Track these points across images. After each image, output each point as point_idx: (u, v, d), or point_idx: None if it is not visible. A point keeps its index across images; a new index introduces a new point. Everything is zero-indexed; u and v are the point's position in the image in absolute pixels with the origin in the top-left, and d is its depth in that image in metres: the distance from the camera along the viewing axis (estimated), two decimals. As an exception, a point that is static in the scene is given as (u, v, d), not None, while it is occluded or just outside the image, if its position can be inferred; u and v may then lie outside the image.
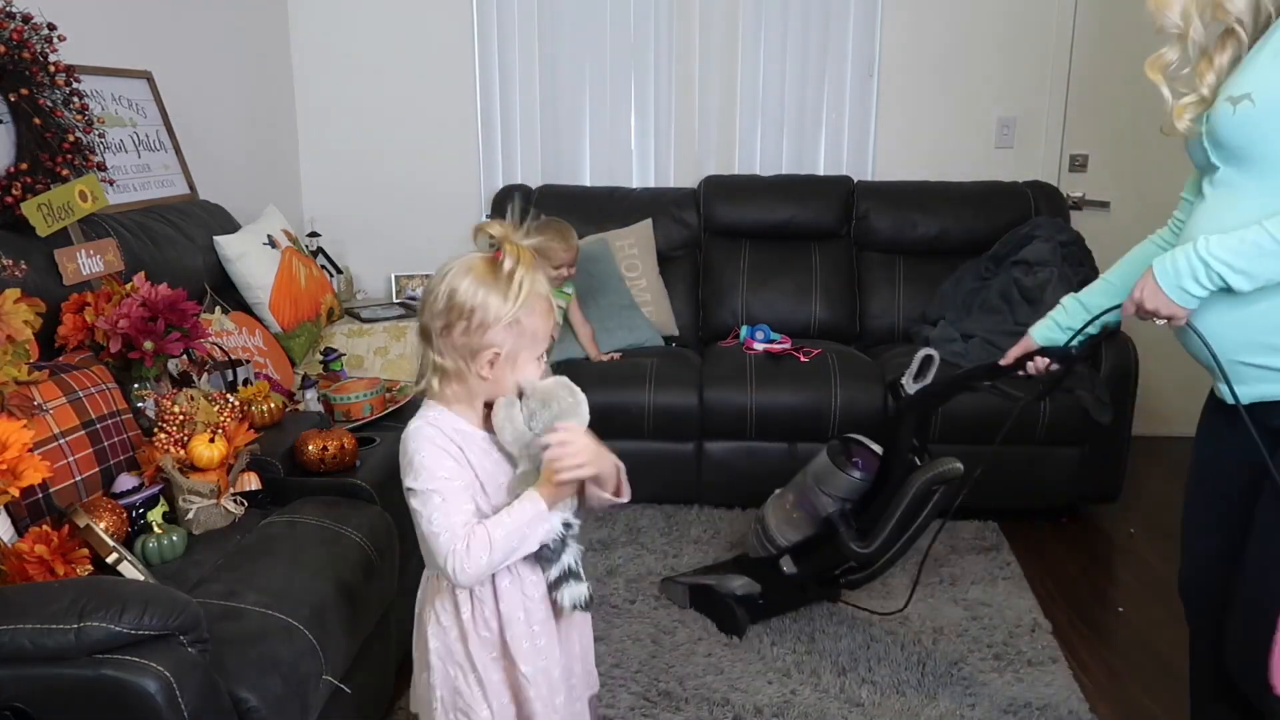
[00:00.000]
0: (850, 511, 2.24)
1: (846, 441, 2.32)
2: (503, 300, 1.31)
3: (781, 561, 2.38)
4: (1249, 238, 1.34)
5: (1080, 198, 3.85)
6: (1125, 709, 2.21)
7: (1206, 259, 1.37)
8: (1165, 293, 1.42)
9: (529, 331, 1.34)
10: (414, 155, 3.97)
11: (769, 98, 3.89)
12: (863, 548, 2.18)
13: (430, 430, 1.34)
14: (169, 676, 1.35)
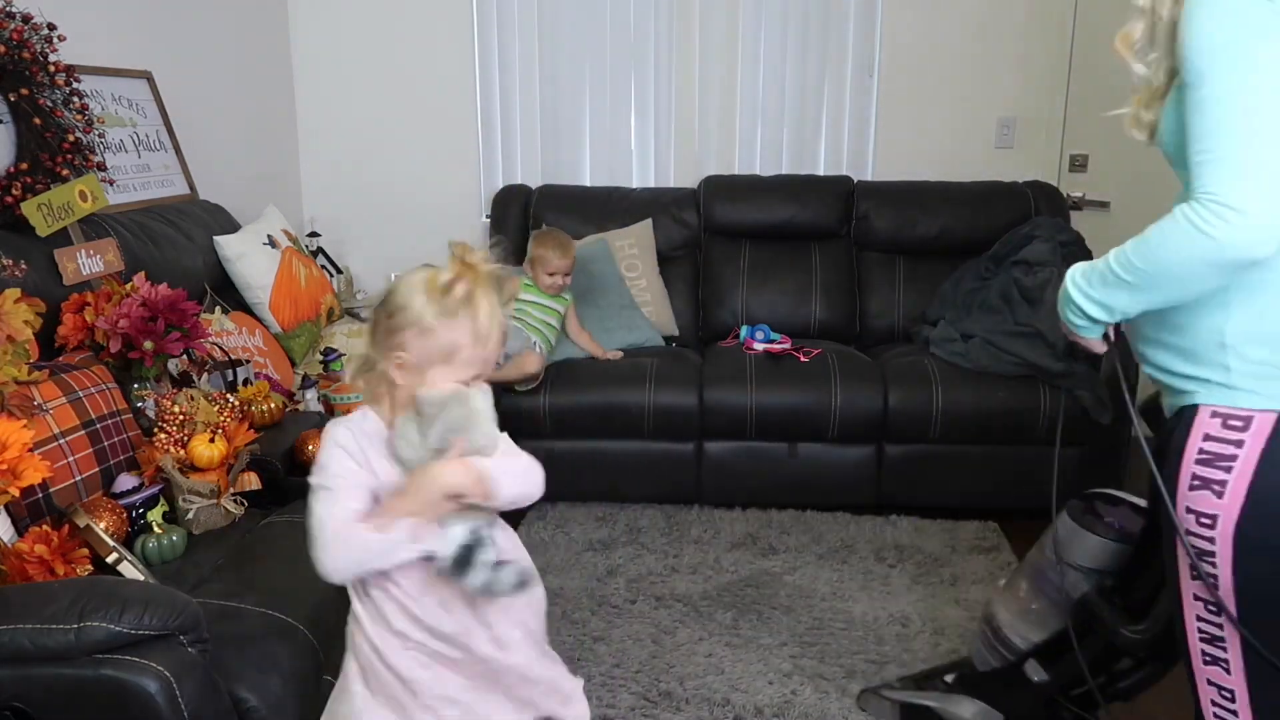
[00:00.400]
0: (1111, 587, 1.69)
1: (1091, 498, 1.80)
2: (425, 304, 1.29)
3: (1027, 668, 1.82)
4: (1099, 266, 1.31)
5: (1080, 198, 3.85)
6: (1125, 709, 2.20)
7: (1069, 289, 1.36)
8: (1067, 326, 1.40)
9: (444, 346, 1.29)
10: (414, 155, 3.98)
11: (769, 98, 3.89)
12: (1136, 632, 1.62)
13: (340, 431, 1.34)
14: (169, 676, 1.35)
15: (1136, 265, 1.24)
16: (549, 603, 2.64)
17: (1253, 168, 1.12)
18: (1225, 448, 1.21)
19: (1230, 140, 1.13)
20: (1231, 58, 1.14)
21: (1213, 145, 1.15)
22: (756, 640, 2.43)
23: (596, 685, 2.23)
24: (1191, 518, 1.23)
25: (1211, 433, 1.22)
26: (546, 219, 3.70)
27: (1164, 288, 1.23)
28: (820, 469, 3.12)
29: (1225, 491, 1.20)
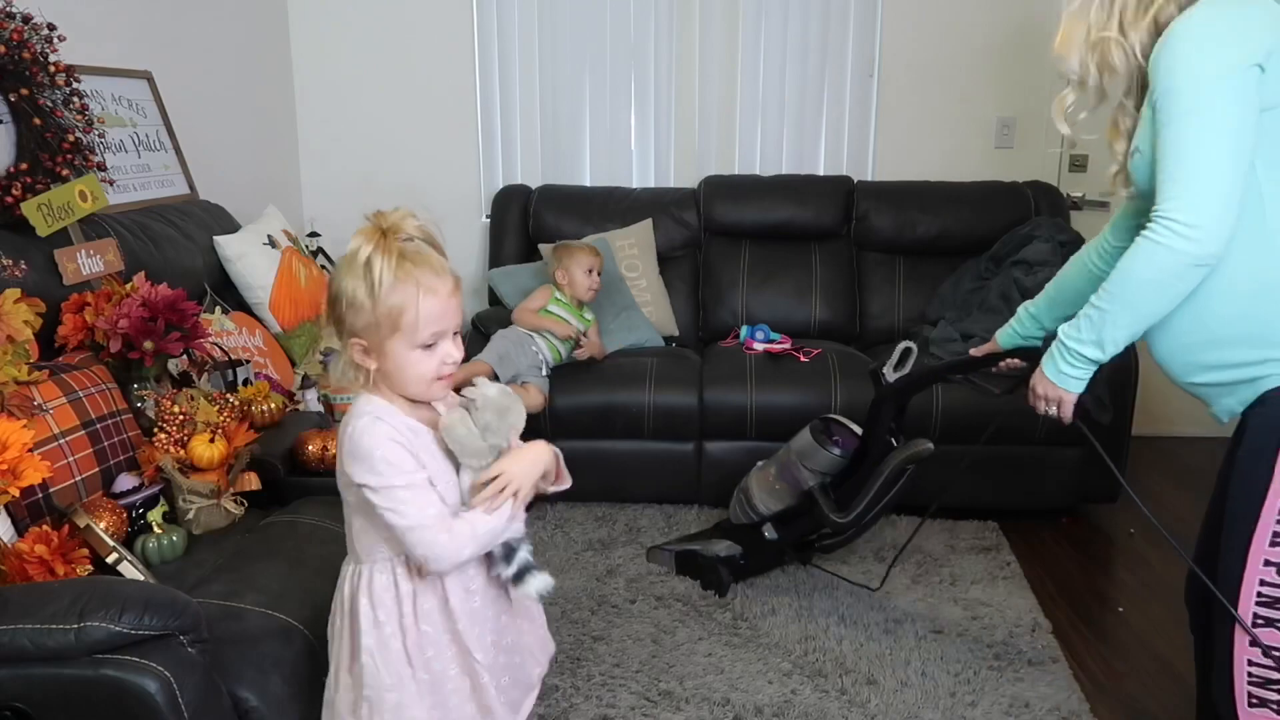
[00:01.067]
0: (829, 485, 2.45)
1: (828, 421, 2.53)
2: (351, 284, 1.29)
3: (764, 528, 2.60)
4: (1080, 316, 1.49)
5: (1080, 198, 3.85)
6: (1125, 709, 2.21)
7: (1064, 342, 1.51)
8: (1052, 380, 1.55)
9: (386, 317, 1.29)
10: (414, 155, 3.97)
11: (769, 98, 3.89)
12: (841, 518, 2.39)
13: (384, 426, 1.32)
14: (169, 676, 1.35)
15: (1115, 293, 1.43)
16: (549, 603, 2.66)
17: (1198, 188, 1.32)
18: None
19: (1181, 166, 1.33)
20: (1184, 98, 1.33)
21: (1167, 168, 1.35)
22: (756, 640, 2.43)
23: (596, 685, 2.23)
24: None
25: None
26: (546, 219, 3.70)
27: (1142, 304, 1.41)
28: (820, 469, 3.12)
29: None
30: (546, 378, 3.11)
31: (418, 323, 1.30)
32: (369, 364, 1.34)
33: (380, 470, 1.29)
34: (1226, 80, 1.32)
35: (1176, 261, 1.35)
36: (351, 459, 1.31)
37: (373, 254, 1.27)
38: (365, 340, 1.32)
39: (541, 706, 2.14)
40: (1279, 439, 1.36)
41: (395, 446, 1.30)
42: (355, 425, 1.32)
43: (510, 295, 3.48)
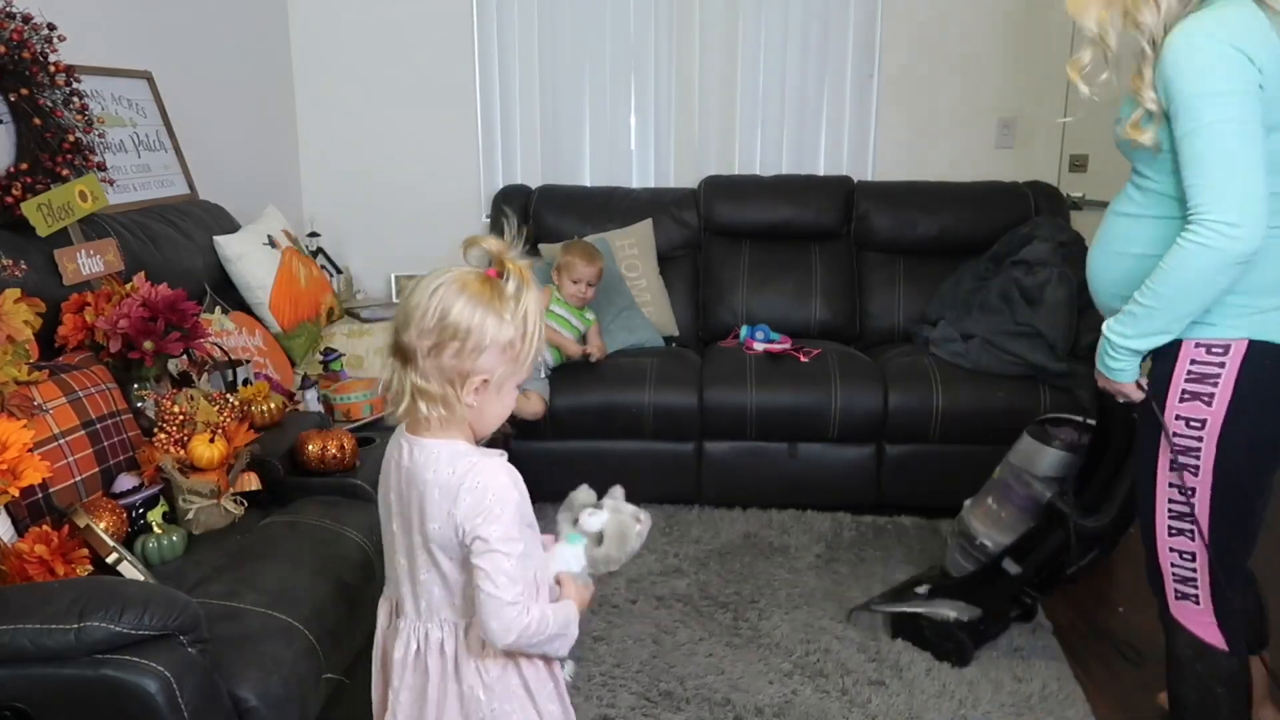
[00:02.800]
0: (1072, 491, 2.18)
1: (1043, 422, 2.32)
2: (500, 322, 1.23)
3: (1003, 563, 2.28)
4: (1128, 309, 1.59)
5: (1080, 198, 3.85)
6: (1125, 709, 2.21)
7: (1109, 338, 1.63)
8: (1111, 378, 1.66)
9: (522, 358, 1.26)
10: (414, 155, 3.97)
11: (769, 98, 3.89)
12: (1096, 522, 2.12)
13: (509, 483, 1.25)
14: (169, 676, 1.35)
15: (1161, 292, 1.52)
16: (549, 603, 2.65)
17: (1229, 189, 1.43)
18: (1210, 369, 1.55)
19: (1216, 171, 1.44)
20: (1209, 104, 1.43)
21: (1203, 174, 1.45)
22: (756, 640, 2.43)
23: (596, 685, 2.23)
24: (1181, 423, 1.59)
25: (1198, 359, 1.56)
26: (546, 219, 3.70)
27: (1186, 302, 1.51)
28: (820, 469, 3.12)
29: (1213, 401, 1.55)
30: (546, 380, 3.11)
31: (527, 362, 1.28)
32: (472, 402, 1.26)
33: (514, 535, 1.23)
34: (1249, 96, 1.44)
35: (1223, 261, 1.45)
36: (477, 512, 1.23)
37: (526, 297, 1.23)
38: (493, 378, 1.25)
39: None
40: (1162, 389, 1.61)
41: (524, 502, 1.27)
42: (493, 479, 1.24)
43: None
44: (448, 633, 1.33)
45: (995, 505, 2.30)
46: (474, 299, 1.22)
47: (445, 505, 1.24)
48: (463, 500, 1.23)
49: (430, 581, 1.31)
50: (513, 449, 3.01)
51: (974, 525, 2.32)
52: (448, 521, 1.24)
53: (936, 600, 2.37)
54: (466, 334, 1.22)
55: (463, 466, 1.24)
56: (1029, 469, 2.23)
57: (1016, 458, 2.29)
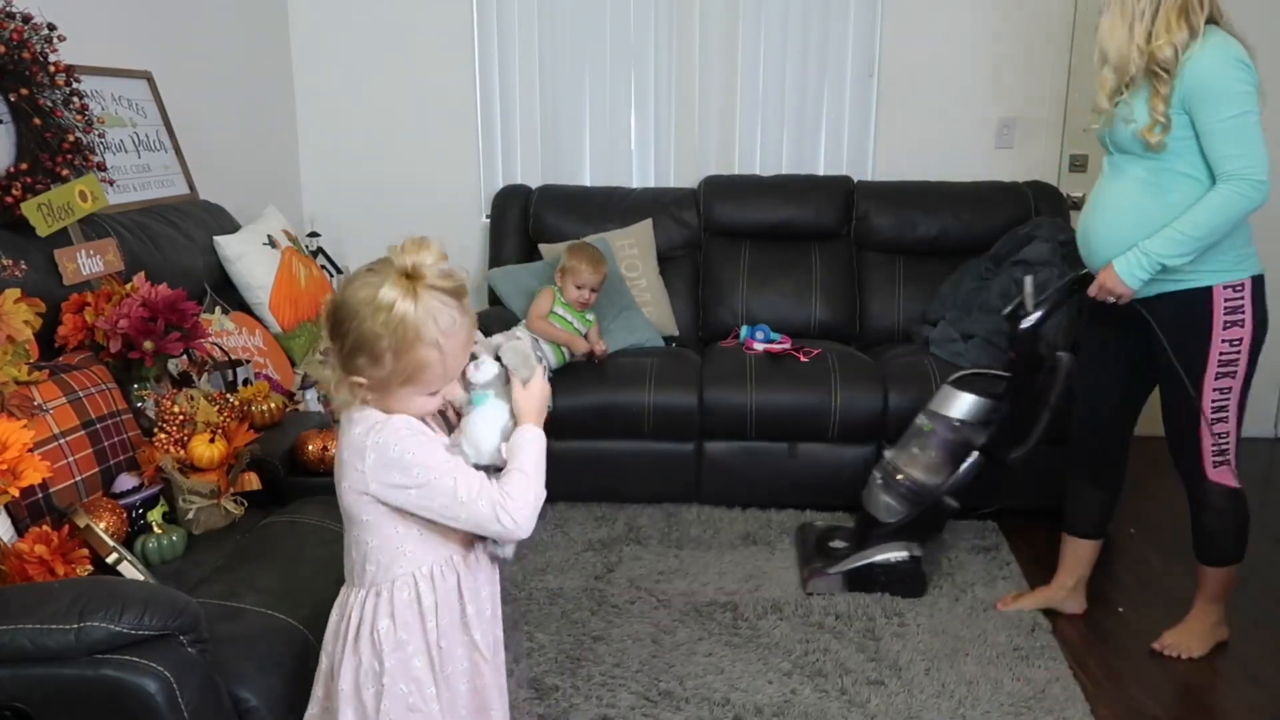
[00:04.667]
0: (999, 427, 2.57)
1: (962, 380, 2.64)
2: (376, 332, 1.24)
3: (944, 501, 2.60)
4: (1170, 235, 2.09)
5: (1080, 198, 3.84)
6: (1125, 709, 2.21)
7: (1147, 253, 2.12)
8: (1124, 280, 2.15)
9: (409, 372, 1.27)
10: (414, 155, 3.97)
11: (769, 98, 3.89)
12: (1021, 452, 2.58)
13: (408, 430, 1.30)
14: (169, 676, 1.35)
15: (1201, 224, 2.06)
16: (549, 603, 2.67)
17: (1260, 155, 2.04)
18: (1238, 301, 2.15)
19: (1249, 141, 2.04)
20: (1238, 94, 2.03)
21: (1238, 144, 2.03)
22: (756, 640, 2.43)
23: (596, 685, 2.23)
24: (1226, 344, 2.16)
25: (1228, 298, 2.14)
26: (546, 219, 3.70)
27: (1216, 235, 2.07)
28: (820, 469, 3.12)
29: (1244, 324, 2.16)
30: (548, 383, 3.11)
31: (434, 379, 1.29)
32: (368, 397, 1.31)
33: (415, 468, 1.28)
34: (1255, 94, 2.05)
35: (1251, 206, 2.05)
36: (387, 467, 1.28)
37: (405, 308, 1.23)
38: (370, 383, 1.28)
39: (542, 706, 2.14)
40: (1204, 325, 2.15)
41: (427, 440, 1.31)
42: (381, 436, 1.29)
43: (510, 295, 3.48)
44: (356, 600, 1.37)
45: (921, 452, 2.61)
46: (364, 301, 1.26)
47: (354, 462, 1.31)
48: (369, 457, 1.29)
49: (349, 544, 1.39)
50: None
51: (911, 472, 2.61)
52: (356, 480, 1.31)
53: (882, 545, 2.64)
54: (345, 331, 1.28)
55: (368, 426, 1.30)
56: (953, 415, 2.58)
57: (938, 405, 2.62)
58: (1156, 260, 2.10)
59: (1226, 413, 2.21)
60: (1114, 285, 2.16)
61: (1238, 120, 2.02)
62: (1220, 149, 2.04)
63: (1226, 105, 2.02)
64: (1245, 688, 2.27)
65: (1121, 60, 2.12)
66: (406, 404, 1.31)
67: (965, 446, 2.57)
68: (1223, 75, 2.03)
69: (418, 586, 1.35)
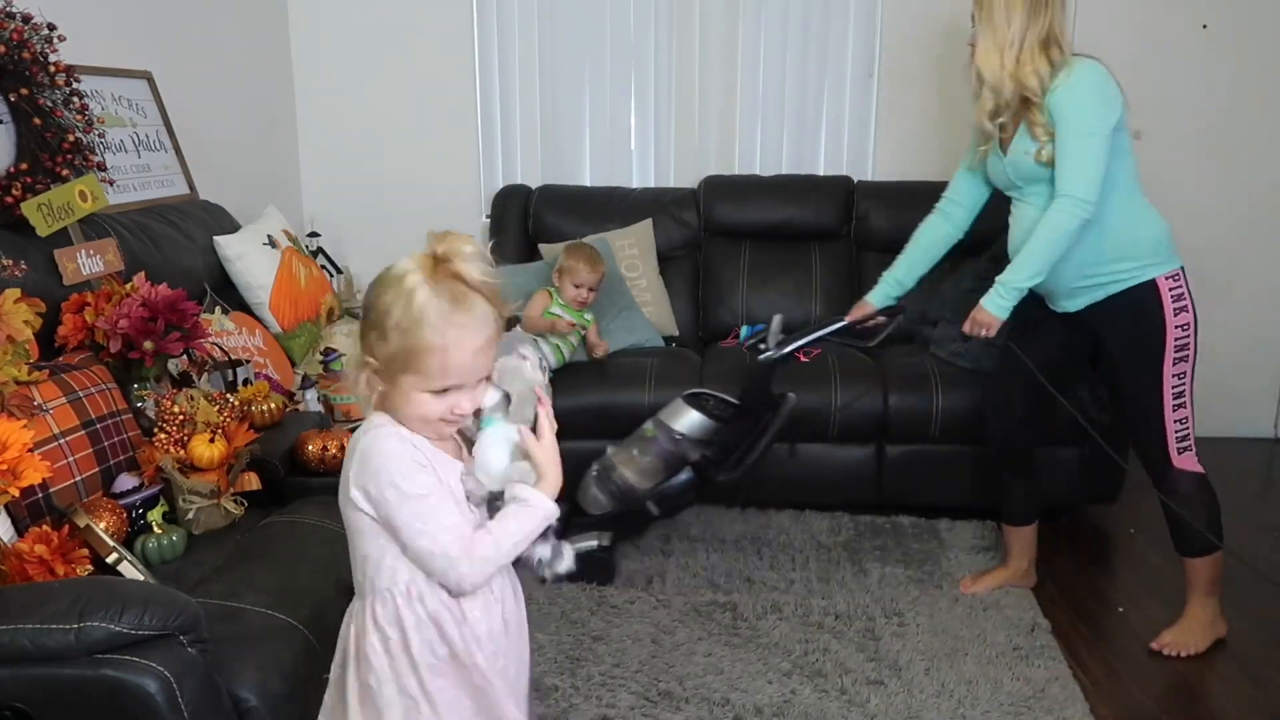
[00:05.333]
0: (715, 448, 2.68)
1: (693, 396, 2.72)
2: (387, 304, 1.20)
3: (649, 506, 2.68)
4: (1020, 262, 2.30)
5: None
6: (1125, 709, 2.21)
7: (1005, 285, 2.32)
8: (991, 312, 2.33)
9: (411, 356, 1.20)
10: (414, 155, 3.97)
11: (769, 98, 3.89)
12: (729, 476, 2.67)
13: (397, 443, 1.24)
14: (169, 676, 1.35)
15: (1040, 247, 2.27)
16: (549, 603, 2.66)
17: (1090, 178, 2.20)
18: (1178, 289, 2.28)
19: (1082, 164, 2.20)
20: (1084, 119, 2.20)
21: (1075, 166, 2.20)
22: (756, 640, 2.43)
23: (596, 685, 2.23)
24: (1178, 330, 2.27)
25: (1171, 287, 2.27)
26: (546, 219, 3.70)
27: (1056, 252, 2.26)
28: (820, 469, 3.12)
29: (1188, 308, 2.28)
30: (548, 383, 3.11)
31: (435, 371, 1.21)
32: (377, 385, 1.25)
33: (399, 484, 1.22)
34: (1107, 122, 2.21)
35: (1079, 222, 2.21)
36: (364, 476, 1.24)
37: (418, 285, 1.19)
38: (378, 364, 1.23)
39: (542, 706, 2.14)
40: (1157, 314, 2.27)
41: (410, 463, 1.24)
42: (365, 441, 1.25)
43: (510, 295, 3.43)
44: (352, 612, 1.35)
45: (640, 455, 2.67)
46: (385, 282, 1.23)
47: (347, 466, 1.28)
48: (353, 463, 1.26)
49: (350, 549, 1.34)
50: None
51: (624, 472, 2.67)
52: (345, 483, 1.28)
53: (578, 535, 2.72)
54: (366, 306, 1.25)
55: (364, 430, 1.27)
56: (676, 427, 2.64)
57: (666, 415, 2.68)
58: (1016, 288, 2.30)
59: (1185, 398, 2.31)
60: (984, 319, 2.34)
61: (1080, 141, 2.20)
62: (1061, 165, 2.22)
63: (1076, 125, 2.21)
64: (1245, 687, 2.27)
65: (996, 83, 2.28)
66: (411, 399, 1.24)
67: (680, 459, 2.64)
68: (1077, 98, 2.22)
69: (396, 602, 1.28)
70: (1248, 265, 3.88)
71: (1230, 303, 3.80)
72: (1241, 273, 3.86)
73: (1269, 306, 3.93)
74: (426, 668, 1.29)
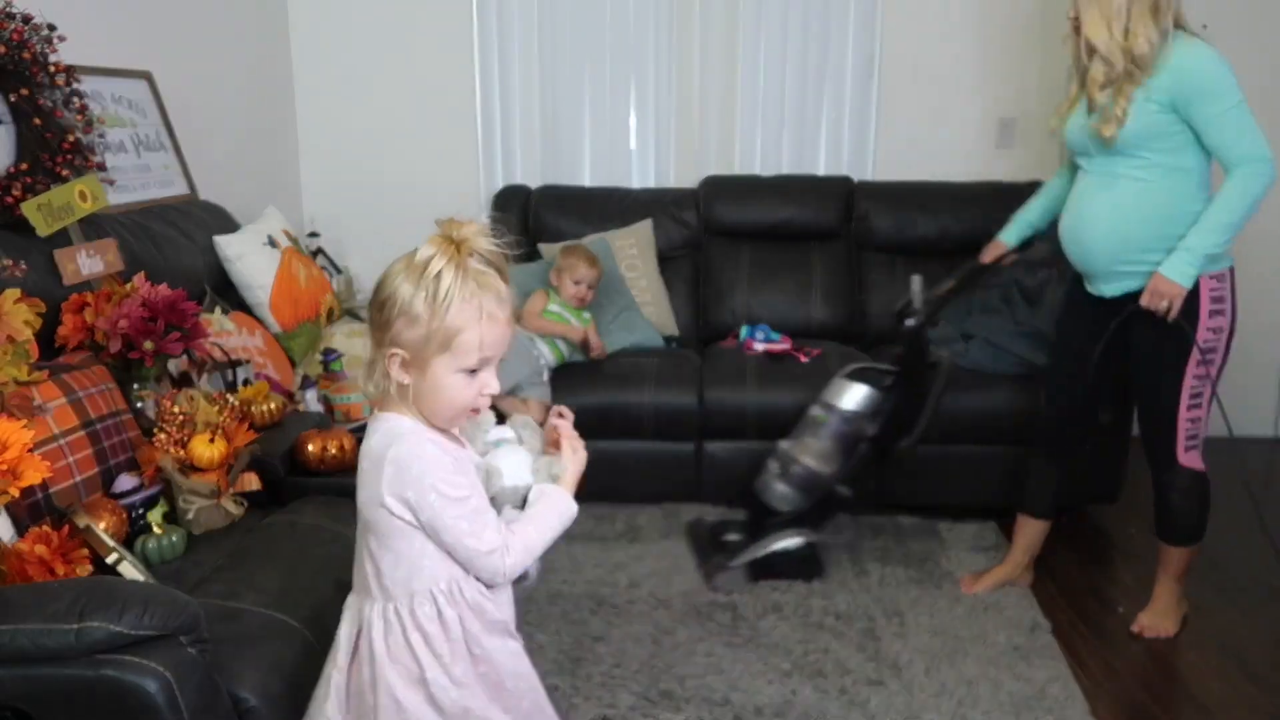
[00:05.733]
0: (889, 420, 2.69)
1: (856, 373, 2.74)
2: (412, 290, 1.22)
3: (838, 490, 2.71)
4: (1209, 227, 2.19)
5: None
6: (1125, 709, 2.21)
7: (1192, 250, 2.20)
8: (1179, 282, 2.21)
9: (439, 332, 1.23)
10: (414, 155, 3.97)
11: (769, 98, 3.89)
12: (910, 442, 2.69)
13: (433, 449, 1.26)
14: (169, 676, 1.35)
15: (1234, 218, 2.19)
16: (549, 603, 2.66)
17: (1262, 136, 2.17)
18: (1222, 291, 2.28)
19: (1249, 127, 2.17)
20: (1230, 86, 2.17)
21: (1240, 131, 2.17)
22: (756, 640, 2.43)
23: (596, 685, 2.23)
24: (1209, 332, 2.27)
25: (1213, 288, 2.26)
26: (546, 219, 3.70)
27: (1245, 219, 2.19)
28: (820, 469, 3.12)
29: (1226, 311, 2.28)
30: (548, 383, 3.11)
31: (471, 346, 1.24)
32: (404, 379, 1.26)
33: (443, 489, 1.25)
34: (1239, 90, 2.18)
35: (1268, 182, 2.17)
36: (404, 484, 1.25)
37: (444, 267, 1.22)
38: (408, 353, 1.25)
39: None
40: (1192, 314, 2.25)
41: (449, 463, 1.27)
42: (401, 449, 1.26)
43: (510, 295, 3.47)
44: (376, 613, 1.33)
45: (816, 442, 2.69)
46: (401, 268, 1.25)
47: (373, 474, 1.27)
48: (386, 470, 1.25)
49: (363, 555, 1.34)
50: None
51: (805, 460, 2.69)
52: (374, 492, 1.27)
53: (778, 534, 2.71)
54: (384, 299, 1.25)
55: (391, 438, 1.27)
56: (845, 406, 2.68)
57: (830, 396, 2.71)
58: (1202, 255, 2.20)
59: (1201, 399, 2.32)
60: (1168, 289, 2.22)
61: (1237, 110, 2.16)
62: (1225, 138, 2.17)
63: (1224, 98, 2.16)
64: (1245, 687, 2.27)
65: (1108, 53, 2.24)
66: (442, 385, 1.26)
67: (856, 437, 2.68)
68: (1214, 71, 2.17)
69: (438, 601, 1.31)
70: (1248, 265, 3.85)
71: (1230, 303, 3.80)
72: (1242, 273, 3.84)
73: (1269, 306, 3.93)
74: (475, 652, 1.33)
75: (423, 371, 1.26)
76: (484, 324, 1.24)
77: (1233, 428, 2.42)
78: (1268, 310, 3.93)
